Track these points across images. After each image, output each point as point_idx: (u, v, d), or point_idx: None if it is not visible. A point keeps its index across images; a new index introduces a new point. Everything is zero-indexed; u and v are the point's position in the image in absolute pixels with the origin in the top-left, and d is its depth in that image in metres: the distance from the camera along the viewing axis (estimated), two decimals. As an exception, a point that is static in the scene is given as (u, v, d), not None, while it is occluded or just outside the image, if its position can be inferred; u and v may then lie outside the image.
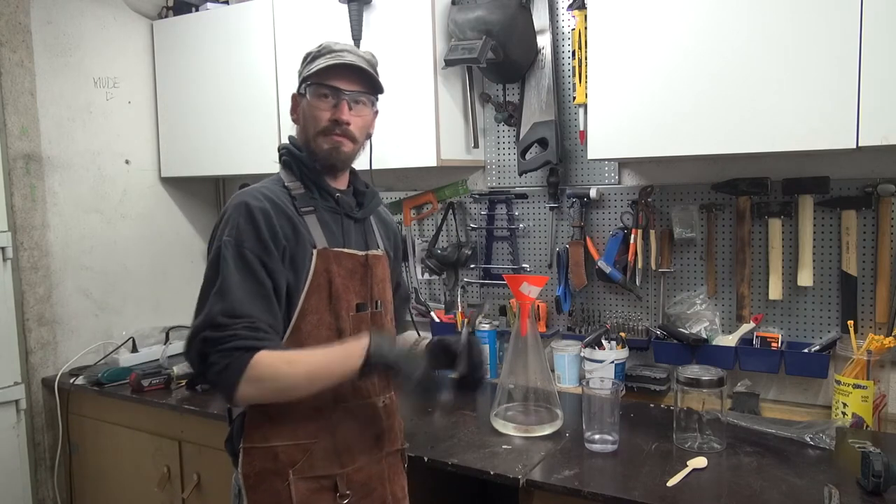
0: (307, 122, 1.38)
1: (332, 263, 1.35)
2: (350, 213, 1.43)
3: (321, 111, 1.36)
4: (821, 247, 1.89)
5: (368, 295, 1.42)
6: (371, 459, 1.40)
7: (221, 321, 1.21)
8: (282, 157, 1.42)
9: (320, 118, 1.36)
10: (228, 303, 1.22)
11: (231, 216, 1.29)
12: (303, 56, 1.41)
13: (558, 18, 2.20)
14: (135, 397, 2.21)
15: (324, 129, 1.36)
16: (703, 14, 1.65)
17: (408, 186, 2.55)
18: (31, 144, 2.36)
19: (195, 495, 2.16)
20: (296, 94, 1.42)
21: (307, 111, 1.38)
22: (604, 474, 1.52)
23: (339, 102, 1.35)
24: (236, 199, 1.32)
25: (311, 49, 1.40)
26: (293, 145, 1.42)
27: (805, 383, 1.95)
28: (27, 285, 2.36)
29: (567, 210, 2.23)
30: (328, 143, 1.37)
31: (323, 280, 1.33)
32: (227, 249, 1.25)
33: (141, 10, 2.71)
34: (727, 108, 1.64)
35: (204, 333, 1.21)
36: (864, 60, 1.48)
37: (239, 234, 1.26)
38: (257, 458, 1.31)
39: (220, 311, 1.22)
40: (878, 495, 1.35)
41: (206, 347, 1.20)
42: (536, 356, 1.79)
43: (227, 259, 1.25)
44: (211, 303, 1.24)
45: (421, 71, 2.09)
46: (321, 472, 1.32)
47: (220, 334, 1.20)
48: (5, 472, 2.33)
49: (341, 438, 1.35)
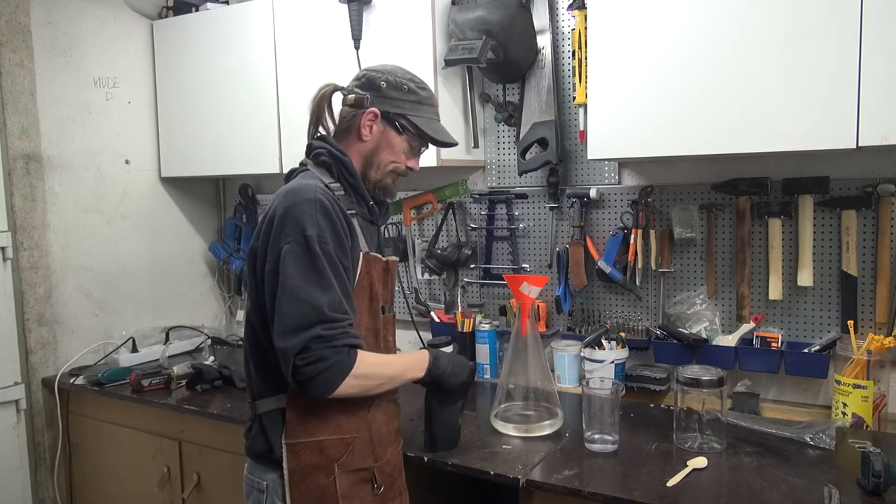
0: (384, 153, 1.44)
1: (372, 268, 1.41)
2: (376, 220, 1.50)
3: (404, 154, 1.46)
4: (821, 247, 1.89)
5: (390, 298, 1.51)
6: (394, 452, 1.48)
7: (332, 316, 1.24)
8: (320, 157, 1.42)
9: (402, 161, 1.46)
10: (333, 297, 1.25)
11: (306, 212, 1.27)
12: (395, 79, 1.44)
13: (558, 18, 2.20)
14: (135, 397, 2.21)
15: (402, 171, 1.47)
16: (703, 14, 1.65)
17: (408, 186, 2.55)
18: (31, 144, 2.36)
19: (195, 495, 2.16)
20: (378, 113, 1.42)
21: (392, 144, 1.44)
22: (604, 474, 1.52)
23: (418, 152, 1.49)
24: (301, 195, 1.30)
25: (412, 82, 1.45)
26: (334, 147, 1.42)
27: (805, 383, 1.95)
28: (27, 285, 2.36)
29: (567, 210, 2.23)
30: (392, 179, 1.48)
31: (366, 283, 1.39)
32: (314, 244, 1.26)
33: (141, 10, 2.71)
34: (727, 107, 1.64)
35: (317, 329, 1.22)
36: (864, 60, 1.48)
37: (321, 231, 1.27)
38: (304, 453, 1.33)
39: (328, 305, 1.24)
40: (878, 495, 1.35)
41: (318, 343, 1.22)
42: (536, 356, 1.78)
43: (318, 254, 1.26)
44: (314, 295, 1.24)
45: (421, 71, 2.05)
46: (360, 465, 1.38)
47: (332, 332, 1.23)
48: (5, 472, 2.33)
49: (375, 433, 1.41)
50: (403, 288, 2.54)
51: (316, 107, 1.48)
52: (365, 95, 1.42)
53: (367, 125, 1.42)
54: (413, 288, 2.54)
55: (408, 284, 2.56)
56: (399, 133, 1.44)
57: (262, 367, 1.37)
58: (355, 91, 1.44)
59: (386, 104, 1.42)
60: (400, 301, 2.61)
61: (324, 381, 1.24)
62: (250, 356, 1.41)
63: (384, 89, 1.42)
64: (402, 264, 2.56)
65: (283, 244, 1.26)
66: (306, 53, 2.29)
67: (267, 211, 1.34)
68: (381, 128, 1.43)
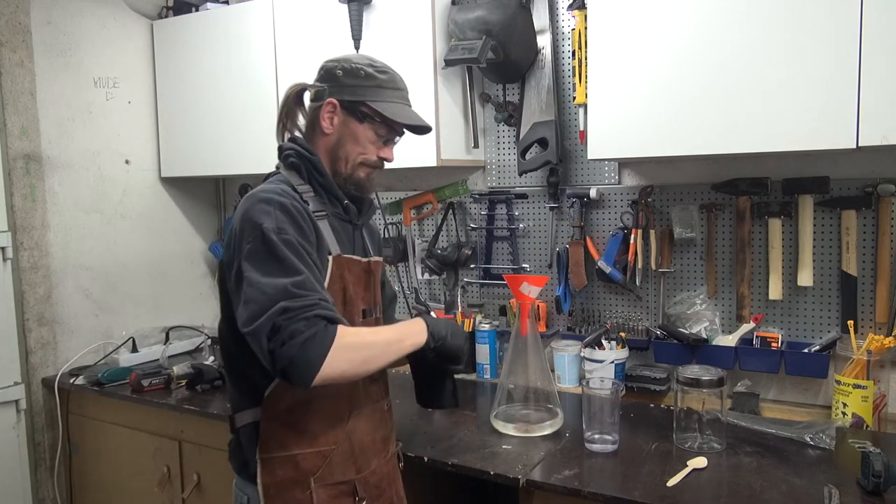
0: (349, 145, 1.37)
1: (345, 270, 1.34)
2: (354, 220, 1.44)
3: (372, 144, 1.38)
4: (821, 247, 1.89)
5: (372, 300, 1.44)
6: (381, 462, 1.42)
7: (298, 292, 1.15)
8: (289, 159, 1.38)
9: (371, 151, 1.38)
10: (294, 278, 1.17)
11: (261, 209, 1.22)
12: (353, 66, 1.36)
13: (558, 18, 2.20)
14: (135, 397, 2.21)
15: (372, 163, 1.40)
16: (703, 14, 1.65)
17: (408, 186, 2.55)
18: (31, 144, 2.36)
19: (195, 495, 2.15)
20: (336, 103, 1.36)
21: (356, 134, 1.37)
22: (604, 474, 1.52)
23: (389, 141, 1.40)
24: (257, 197, 1.25)
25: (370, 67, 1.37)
26: (302, 147, 1.37)
27: (805, 383, 1.95)
28: (27, 285, 2.36)
29: (567, 210, 2.23)
30: (365, 173, 1.40)
31: (338, 286, 1.33)
32: (271, 235, 1.19)
33: (141, 10, 2.71)
34: (727, 107, 1.64)
35: (282, 303, 1.13)
36: (864, 60, 1.48)
37: (279, 224, 1.21)
38: (278, 468, 1.29)
39: (292, 283, 1.16)
40: (878, 495, 1.35)
41: (286, 317, 1.12)
42: (536, 356, 1.78)
43: (277, 243, 1.19)
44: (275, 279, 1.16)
45: (421, 71, 2.09)
46: (340, 478, 1.32)
47: (300, 303, 1.14)
48: (5, 472, 2.33)
49: (357, 443, 1.35)
50: (403, 288, 2.54)
51: (282, 108, 1.43)
52: (324, 87, 1.37)
53: (327, 117, 1.37)
54: (413, 288, 2.54)
55: (408, 284, 2.56)
56: (360, 121, 1.36)
57: (238, 380, 1.34)
58: (315, 85, 1.40)
59: (344, 93, 1.36)
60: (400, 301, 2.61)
61: (304, 360, 1.12)
62: (226, 370, 1.37)
63: (341, 78, 1.36)
64: (403, 264, 2.56)
65: (244, 247, 1.21)
66: (306, 54, 2.29)
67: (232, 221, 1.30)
68: (341, 118, 1.37)
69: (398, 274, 2.56)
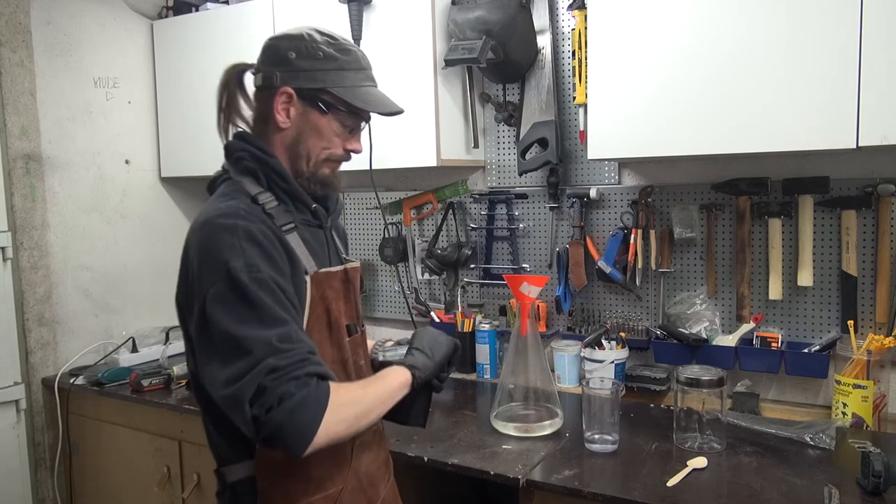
0: (311, 140, 1.17)
1: (325, 287, 1.17)
2: (323, 223, 1.25)
3: (337, 136, 1.19)
4: (821, 247, 1.89)
5: (354, 313, 1.27)
6: (387, 486, 1.33)
7: (283, 346, 0.98)
8: (241, 162, 1.17)
9: (337, 144, 1.19)
10: (280, 330, 1.00)
11: (225, 242, 1.03)
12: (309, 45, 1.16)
13: (558, 18, 2.20)
14: (135, 397, 2.21)
15: (338, 157, 1.21)
16: (703, 14, 1.65)
17: (408, 186, 2.55)
18: (31, 144, 2.36)
19: (195, 495, 2.15)
20: (292, 92, 1.16)
21: (319, 128, 1.17)
22: (604, 474, 1.52)
23: (356, 129, 1.22)
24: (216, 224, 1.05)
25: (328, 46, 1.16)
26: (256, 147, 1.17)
27: (805, 383, 1.95)
28: (27, 285, 2.36)
29: (567, 210, 2.23)
30: (330, 168, 1.21)
31: (321, 309, 1.16)
32: (241, 276, 1.00)
33: (141, 10, 2.71)
34: (727, 107, 1.64)
35: (270, 361, 0.97)
36: (864, 60, 1.48)
37: (249, 259, 1.02)
38: None
39: (277, 336, 0.99)
40: (878, 495, 1.35)
41: (273, 377, 0.96)
42: (536, 356, 1.78)
43: (249, 285, 1.00)
44: (255, 330, 0.98)
45: (421, 71, 2.09)
46: None
47: (288, 359, 0.98)
48: (5, 472, 2.33)
49: (365, 476, 1.24)
50: (404, 288, 2.54)
51: (220, 94, 1.21)
52: (273, 72, 1.16)
53: (282, 109, 1.16)
54: (413, 288, 2.54)
55: (408, 284, 2.56)
56: (323, 112, 1.16)
57: (223, 429, 1.14)
58: (262, 68, 1.18)
59: (300, 79, 1.15)
60: (400, 301, 2.61)
61: (296, 428, 0.96)
62: (207, 418, 1.17)
63: (294, 61, 1.14)
64: (403, 264, 2.56)
65: (207, 289, 1.01)
66: (306, 53, 2.29)
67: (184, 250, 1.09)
68: (300, 109, 1.16)
69: (398, 274, 2.56)
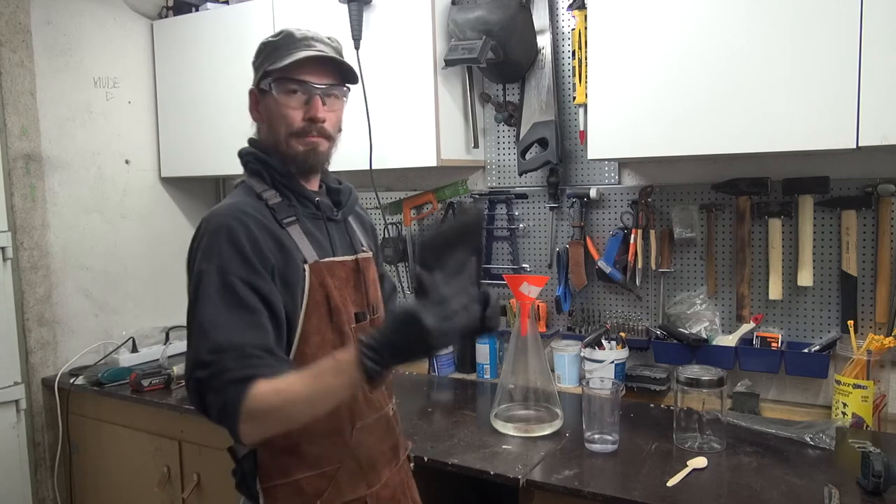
0: (275, 122, 1.25)
1: (326, 276, 1.24)
2: (331, 216, 1.33)
3: (292, 110, 1.24)
4: (821, 247, 1.89)
5: (365, 301, 1.33)
6: (392, 472, 1.35)
7: (208, 358, 1.08)
8: (248, 165, 1.29)
9: (293, 118, 1.24)
10: (212, 339, 1.09)
11: (211, 241, 1.15)
12: (259, 45, 1.28)
13: (558, 18, 2.20)
14: (135, 397, 2.21)
15: (298, 130, 1.24)
16: (704, 14, 1.65)
17: (408, 186, 2.55)
18: (31, 144, 2.36)
19: (195, 495, 2.16)
20: (255, 90, 1.28)
21: (275, 110, 1.25)
22: (604, 474, 1.52)
23: (311, 99, 1.24)
24: (213, 220, 1.18)
25: (269, 37, 1.27)
26: (257, 149, 1.29)
27: (805, 383, 1.95)
28: (27, 285, 2.36)
29: (567, 210, 2.23)
30: (303, 144, 1.25)
31: (320, 296, 1.23)
32: (208, 279, 1.12)
33: (141, 10, 2.71)
34: (727, 108, 1.64)
35: (196, 374, 1.10)
36: (864, 60, 1.48)
37: (222, 262, 1.13)
38: (281, 496, 1.21)
39: (206, 348, 1.09)
40: (878, 495, 1.35)
41: (201, 389, 1.09)
42: (536, 356, 1.79)
43: (210, 291, 1.12)
44: (195, 340, 1.12)
45: (421, 71, 2.09)
46: (349, 496, 1.24)
47: (208, 372, 1.08)
48: (5, 472, 2.33)
49: (365, 457, 1.27)
50: (404, 288, 2.54)
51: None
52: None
53: (253, 108, 1.30)
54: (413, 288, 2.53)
55: (408, 284, 2.56)
56: (269, 91, 1.24)
57: None
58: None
59: (256, 76, 1.28)
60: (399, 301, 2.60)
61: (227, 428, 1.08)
62: None
63: (252, 65, 1.29)
64: (403, 264, 2.56)
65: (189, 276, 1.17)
66: (306, 53, 2.29)
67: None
68: (262, 102, 1.28)
69: (398, 274, 2.56)
